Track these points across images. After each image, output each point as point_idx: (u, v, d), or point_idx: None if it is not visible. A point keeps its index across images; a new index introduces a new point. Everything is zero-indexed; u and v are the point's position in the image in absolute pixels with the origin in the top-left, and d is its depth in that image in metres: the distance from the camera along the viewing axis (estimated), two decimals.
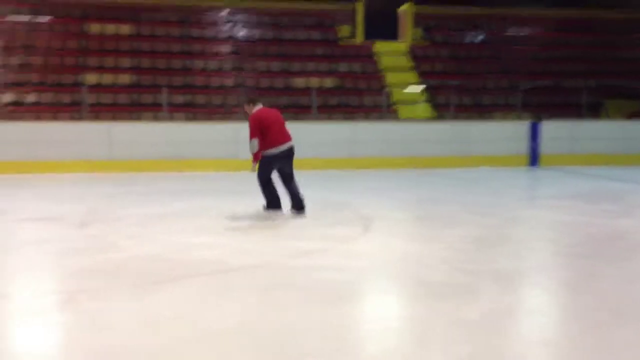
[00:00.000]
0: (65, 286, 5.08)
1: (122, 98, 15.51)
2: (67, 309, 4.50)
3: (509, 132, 15.54)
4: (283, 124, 8.06)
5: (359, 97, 17.14)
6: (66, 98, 15.42)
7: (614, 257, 6.13)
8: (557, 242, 6.87)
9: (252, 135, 7.77)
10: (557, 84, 18.72)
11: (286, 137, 8.05)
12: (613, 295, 4.86)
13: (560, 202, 9.76)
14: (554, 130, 15.46)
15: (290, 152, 8.09)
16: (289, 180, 8.18)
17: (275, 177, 8.34)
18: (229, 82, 16.99)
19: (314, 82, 17.14)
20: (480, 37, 20.80)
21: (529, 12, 21.44)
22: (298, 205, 8.18)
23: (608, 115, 17.51)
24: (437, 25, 20.39)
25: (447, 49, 19.76)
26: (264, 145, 7.85)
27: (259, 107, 7.99)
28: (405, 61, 18.91)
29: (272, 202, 8.25)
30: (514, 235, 7.41)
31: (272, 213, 8.27)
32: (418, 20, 20.11)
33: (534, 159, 15.32)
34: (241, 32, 18.77)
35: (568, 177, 13.05)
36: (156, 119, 14.97)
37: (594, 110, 17.49)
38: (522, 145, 15.39)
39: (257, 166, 8.03)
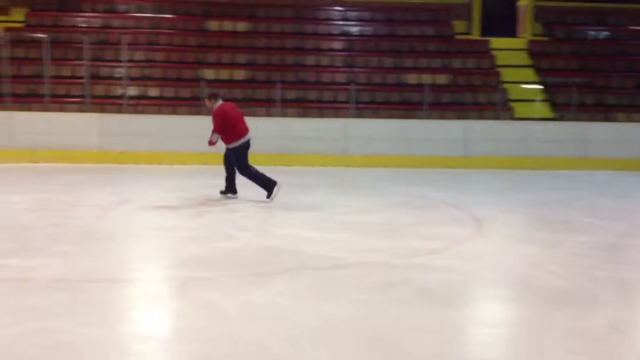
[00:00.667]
0: (178, 273, 5.24)
1: (237, 93, 15.92)
2: (179, 296, 4.65)
3: (633, 135, 14.66)
4: (243, 118, 8.75)
5: (473, 94, 16.69)
6: (185, 92, 16.02)
7: None
8: None
9: (216, 129, 8.40)
10: None
11: (247, 129, 8.70)
12: None
13: None
14: None
15: (249, 143, 8.71)
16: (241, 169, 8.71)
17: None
18: (341, 78, 17.04)
19: (427, 78, 16.87)
20: (605, 33, 19.70)
21: None
22: (232, 191, 8.91)
23: None
24: (558, 20, 19.50)
25: (569, 45, 18.84)
26: (231, 137, 8.52)
27: (219, 102, 8.65)
28: (523, 58, 18.23)
29: (267, 183, 8.65)
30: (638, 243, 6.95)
31: (277, 192, 8.62)
32: (537, 15, 19.33)
33: None
34: (354, 28, 18.77)
35: None
36: (269, 114, 15.26)
37: None
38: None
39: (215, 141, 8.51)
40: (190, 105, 15.45)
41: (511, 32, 19.54)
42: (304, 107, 15.91)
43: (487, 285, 5.18)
